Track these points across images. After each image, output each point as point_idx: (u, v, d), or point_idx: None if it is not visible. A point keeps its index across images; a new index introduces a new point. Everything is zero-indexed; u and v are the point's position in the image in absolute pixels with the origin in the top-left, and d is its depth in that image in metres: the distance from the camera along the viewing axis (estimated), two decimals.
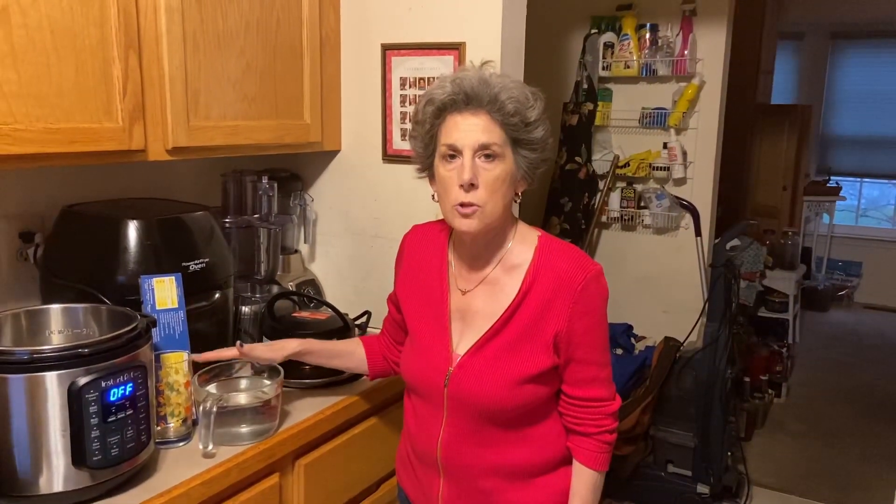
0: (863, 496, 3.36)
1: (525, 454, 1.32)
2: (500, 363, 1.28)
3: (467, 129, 1.22)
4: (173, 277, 1.44)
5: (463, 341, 1.33)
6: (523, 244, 1.33)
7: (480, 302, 1.33)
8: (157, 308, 1.41)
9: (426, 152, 1.31)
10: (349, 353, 1.56)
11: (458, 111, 1.23)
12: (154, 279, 1.42)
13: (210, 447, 1.34)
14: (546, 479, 1.35)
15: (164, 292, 1.42)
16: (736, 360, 3.89)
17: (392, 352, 1.55)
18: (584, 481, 1.34)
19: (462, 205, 1.23)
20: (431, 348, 1.35)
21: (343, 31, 2.04)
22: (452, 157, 1.23)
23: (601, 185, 3.53)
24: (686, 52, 3.27)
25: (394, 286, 1.50)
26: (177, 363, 1.38)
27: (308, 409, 1.57)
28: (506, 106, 1.21)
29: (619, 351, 3.31)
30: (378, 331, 1.62)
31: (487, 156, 1.22)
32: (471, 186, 1.22)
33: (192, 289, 1.58)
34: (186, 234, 1.60)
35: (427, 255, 1.42)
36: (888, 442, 3.94)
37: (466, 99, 1.22)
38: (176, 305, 1.43)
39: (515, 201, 1.31)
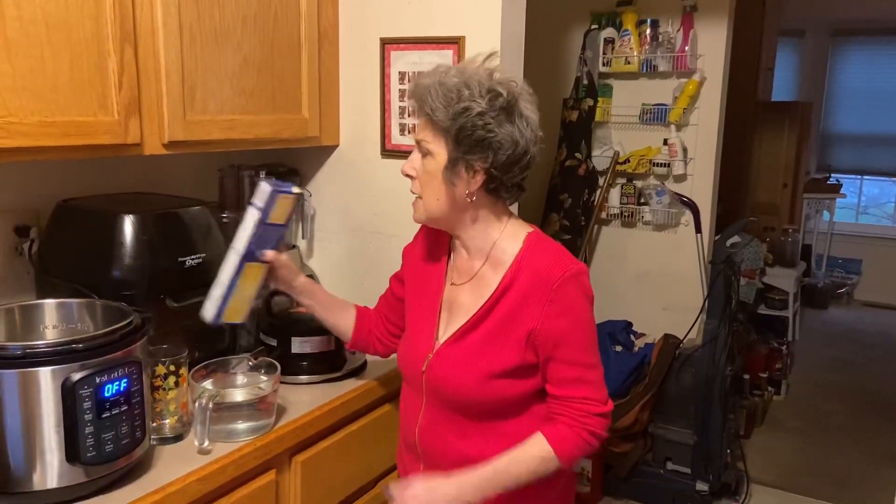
0: (862, 493, 3.36)
1: (497, 449, 1.31)
2: (475, 356, 1.31)
3: (416, 125, 1.34)
4: (297, 196, 1.41)
5: (446, 331, 1.37)
6: (512, 240, 1.34)
7: (466, 295, 1.37)
8: (268, 221, 1.38)
9: None
10: (341, 311, 1.57)
11: (414, 105, 1.33)
12: (281, 195, 1.37)
13: (206, 444, 1.33)
14: None
15: (282, 209, 1.39)
16: (735, 358, 3.88)
17: (379, 327, 1.58)
18: (523, 453, 1.29)
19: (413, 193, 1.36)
20: (418, 335, 1.41)
21: (341, 25, 2.02)
22: None
23: (601, 181, 3.52)
24: (687, 48, 3.26)
25: (401, 268, 1.55)
26: (257, 273, 1.40)
27: (305, 406, 1.56)
28: (426, 105, 1.26)
29: (619, 348, 3.30)
30: None
31: (422, 152, 1.30)
32: (409, 177, 1.34)
33: (189, 284, 1.57)
34: (183, 229, 1.59)
35: (434, 246, 1.46)
36: (888, 439, 3.93)
37: (413, 97, 1.31)
38: (283, 223, 1.41)
39: (469, 199, 1.30)
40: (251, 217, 1.36)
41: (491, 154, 1.25)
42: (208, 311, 1.37)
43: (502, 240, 1.35)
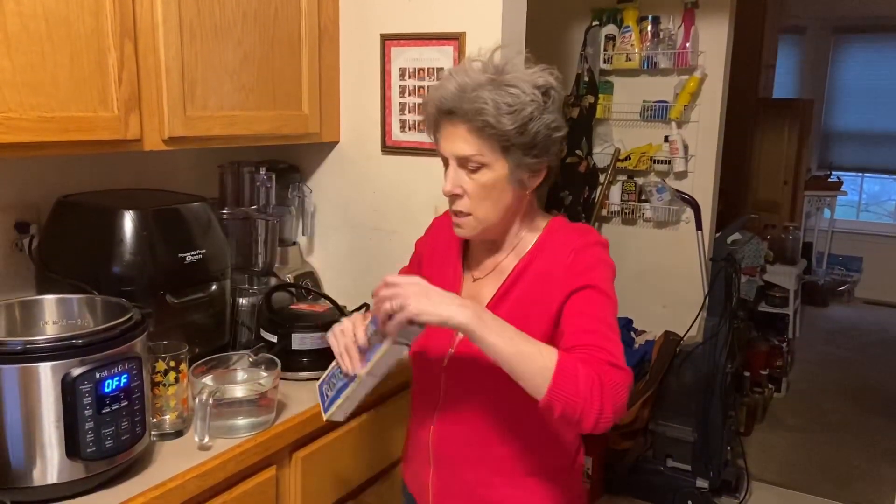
0: (862, 491, 3.36)
1: (514, 450, 1.28)
2: None
3: (449, 140, 1.22)
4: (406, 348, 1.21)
5: None
6: (534, 231, 1.31)
7: (488, 288, 1.31)
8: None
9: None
10: None
11: (443, 120, 1.22)
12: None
13: (206, 439, 1.33)
14: (535, 482, 1.30)
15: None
16: (736, 355, 3.88)
17: None
18: (536, 343, 1.10)
19: (455, 213, 1.25)
20: (436, 332, 1.30)
21: (342, 20, 2.02)
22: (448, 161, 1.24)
23: (602, 178, 3.52)
24: (688, 45, 3.26)
25: (412, 262, 1.50)
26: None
27: (305, 402, 1.56)
28: (479, 117, 1.16)
29: None
30: None
31: (471, 166, 1.21)
32: (455, 196, 1.23)
33: (189, 280, 1.57)
34: (183, 226, 1.59)
35: (447, 240, 1.41)
36: (888, 437, 3.93)
37: (446, 112, 1.20)
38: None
39: (526, 196, 1.27)
40: (394, 352, 1.19)
41: (555, 149, 1.23)
42: (337, 416, 1.25)
43: (526, 231, 1.31)
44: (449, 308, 1.08)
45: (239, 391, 1.42)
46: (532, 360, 1.08)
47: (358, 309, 1.88)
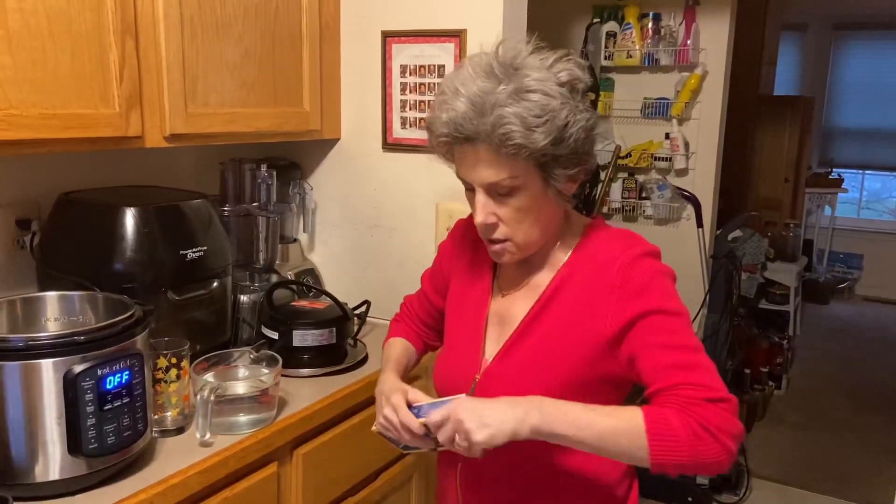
0: (862, 488, 3.36)
1: (558, 496, 1.13)
2: (534, 369, 1.10)
3: (471, 167, 1.05)
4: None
5: (495, 348, 1.17)
6: (570, 238, 1.16)
7: (519, 305, 1.16)
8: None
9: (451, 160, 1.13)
10: (410, 358, 1.38)
11: (459, 144, 1.06)
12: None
13: (207, 436, 1.33)
14: None
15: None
16: (736, 352, 3.89)
17: (425, 333, 1.42)
18: (616, 409, 0.98)
19: (490, 241, 1.12)
20: (461, 353, 1.20)
21: (343, 17, 2.02)
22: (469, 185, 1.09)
23: (602, 175, 3.51)
24: (689, 42, 3.25)
25: (435, 269, 1.37)
26: None
27: (306, 398, 1.56)
28: (509, 143, 1.00)
29: None
30: (379, 325, 1.56)
31: (501, 191, 1.05)
32: (488, 227, 1.09)
33: (190, 277, 1.57)
34: (184, 222, 1.59)
35: (473, 249, 1.27)
36: (888, 434, 3.94)
37: (463, 137, 1.03)
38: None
39: (564, 206, 1.13)
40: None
41: (593, 148, 1.09)
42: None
43: (563, 238, 1.16)
44: (510, 423, 0.96)
45: (240, 388, 1.43)
46: (618, 437, 0.96)
47: (359, 306, 1.88)
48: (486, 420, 0.96)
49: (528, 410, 0.97)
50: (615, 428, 0.96)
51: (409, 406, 1.10)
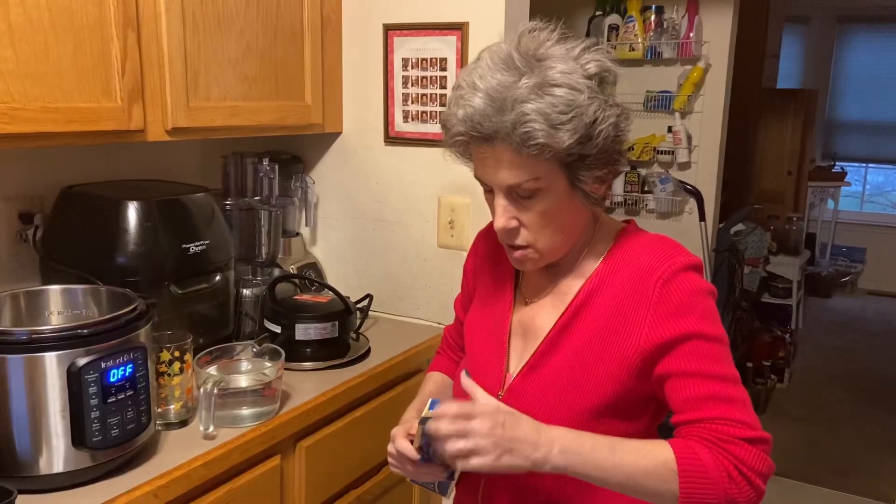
0: (864, 481, 3.37)
1: None
2: (563, 387, 1.02)
3: (490, 167, 0.98)
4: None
5: (520, 362, 1.09)
6: (601, 243, 1.08)
7: (545, 314, 1.08)
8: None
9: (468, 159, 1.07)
10: (443, 391, 1.29)
11: (476, 143, 0.99)
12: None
13: (211, 429, 1.33)
14: None
15: None
16: (739, 346, 3.89)
17: (450, 363, 1.37)
18: (643, 444, 0.93)
19: (511, 247, 1.05)
20: (483, 368, 1.12)
21: (344, 11, 2.01)
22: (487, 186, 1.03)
23: None
24: (692, 35, 3.25)
25: (463, 290, 1.31)
26: None
27: (309, 392, 1.56)
28: (531, 143, 0.92)
29: None
30: (381, 318, 1.57)
31: (523, 193, 0.98)
32: (509, 232, 1.02)
33: (192, 271, 1.57)
34: (186, 216, 1.59)
35: (494, 258, 1.19)
36: (890, 427, 3.94)
37: (481, 135, 0.96)
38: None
39: (592, 208, 1.05)
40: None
41: (621, 147, 1.01)
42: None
43: (592, 242, 1.08)
44: (525, 466, 0.90)
45: (243, 381, 1.43)
46: (647, 478, 0.91)
47: (361, 300, 1.88)
48: (514, 446, 0.89)
49: (546, 456, 0.90)
50: (645, 469, 0.91)
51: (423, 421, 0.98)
